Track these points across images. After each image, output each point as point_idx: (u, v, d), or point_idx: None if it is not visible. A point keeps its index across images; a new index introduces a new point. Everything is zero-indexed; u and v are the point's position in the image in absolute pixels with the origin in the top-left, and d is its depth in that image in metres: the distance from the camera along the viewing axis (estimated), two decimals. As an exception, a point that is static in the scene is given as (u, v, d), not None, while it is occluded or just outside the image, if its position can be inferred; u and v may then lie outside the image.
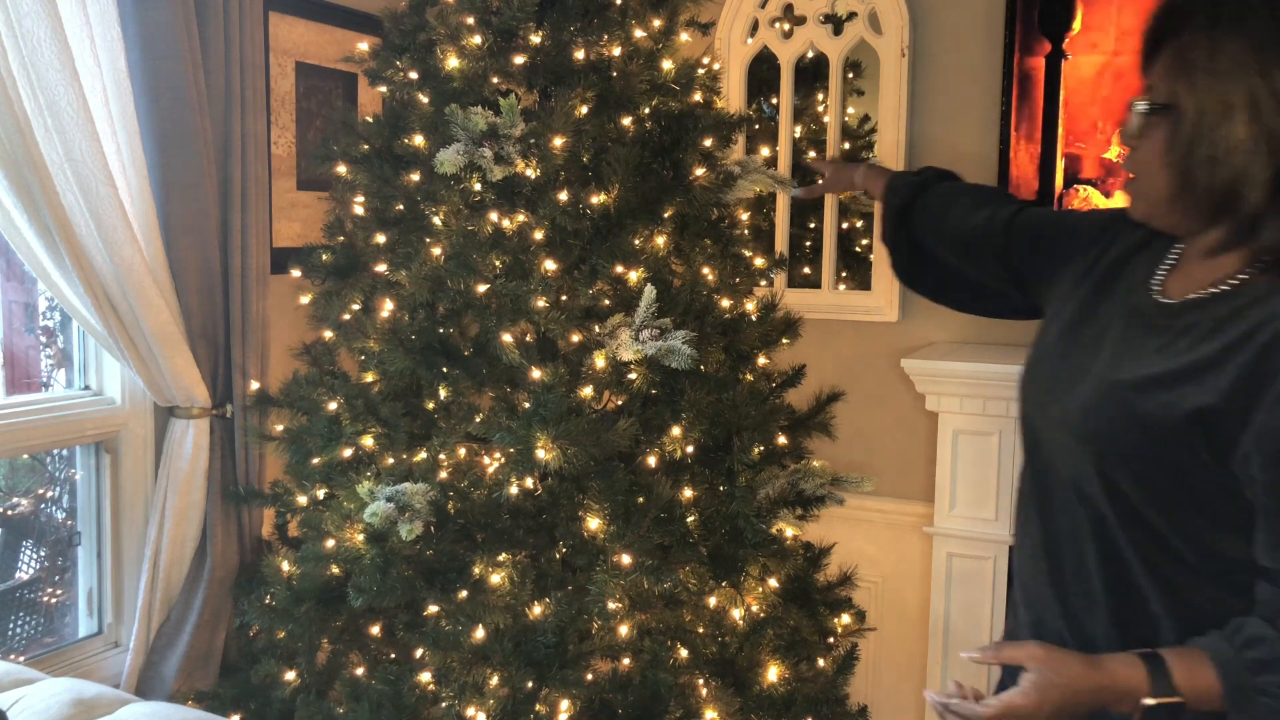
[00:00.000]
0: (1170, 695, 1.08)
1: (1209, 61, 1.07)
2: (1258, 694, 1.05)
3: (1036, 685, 1.13)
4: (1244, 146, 1.06)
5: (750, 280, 2.28)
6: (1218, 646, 1.08)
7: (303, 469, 2.24)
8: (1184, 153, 1.10)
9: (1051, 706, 1.13)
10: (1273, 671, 1.05)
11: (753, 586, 2.07)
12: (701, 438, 2.01)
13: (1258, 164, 1.06)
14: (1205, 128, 1.07)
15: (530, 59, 2.08)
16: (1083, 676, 1.13)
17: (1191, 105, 1.08)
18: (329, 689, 2.18)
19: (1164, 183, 1.14)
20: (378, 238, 2.19)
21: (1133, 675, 1.11)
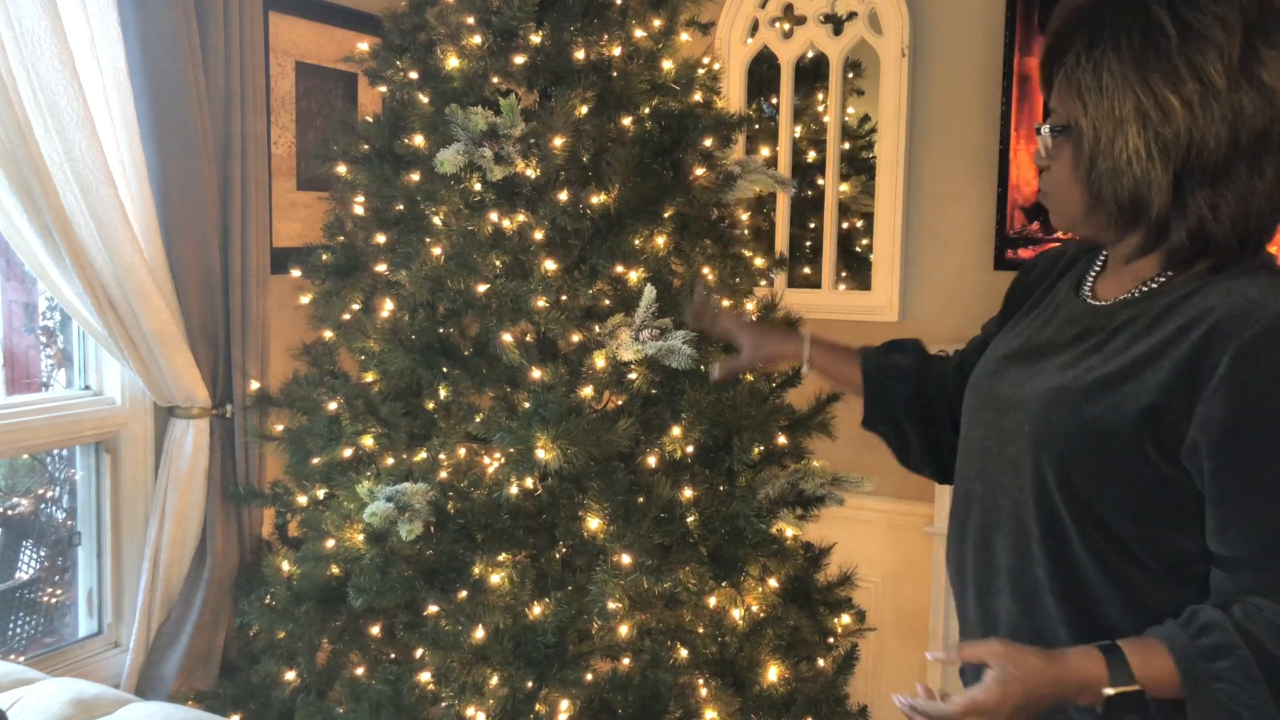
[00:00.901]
0: (1129, 684, 1.11)
1: (1095, 80, 1.13)
2: (1212, 680, 1.08)
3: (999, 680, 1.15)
4: (1140, 155, 1.11)
5: (750, 280, 2.28)
6: (1173, 634, 1.11)
7: (303, 469, 2.24)
8: (1088, 168, 1.16)
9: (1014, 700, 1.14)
10: (1227, 657, 1.07)
11: (753, 586, 2.07)
12: (701, 438, 2.01)
13: (1155, 170, 1.11)
14: (1102, 143, 1.13)
15: (530, 59, 2.08)
16: (1043, 670, 1.14)
17: (1087, 123, 1.14)
18: (329, 689, 2.18)
19: (1077, 198, 1.19)
20: (378, 238, 2.19)
21: (1092, 667, 1.13)
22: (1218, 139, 1.09)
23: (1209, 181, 1.11)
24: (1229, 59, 1.09)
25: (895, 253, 3.07)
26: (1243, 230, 1.13)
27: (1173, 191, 1.12)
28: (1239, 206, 1.12)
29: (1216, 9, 1.09)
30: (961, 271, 3.05)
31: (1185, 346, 1.10)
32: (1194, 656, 1.08)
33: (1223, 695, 1.07)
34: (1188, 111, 1.09)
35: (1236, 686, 1.07)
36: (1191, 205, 1.12)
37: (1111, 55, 1.12)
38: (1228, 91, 1.09)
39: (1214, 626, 1.08)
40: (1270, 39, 1.10)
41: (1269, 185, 1.12)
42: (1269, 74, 1.09)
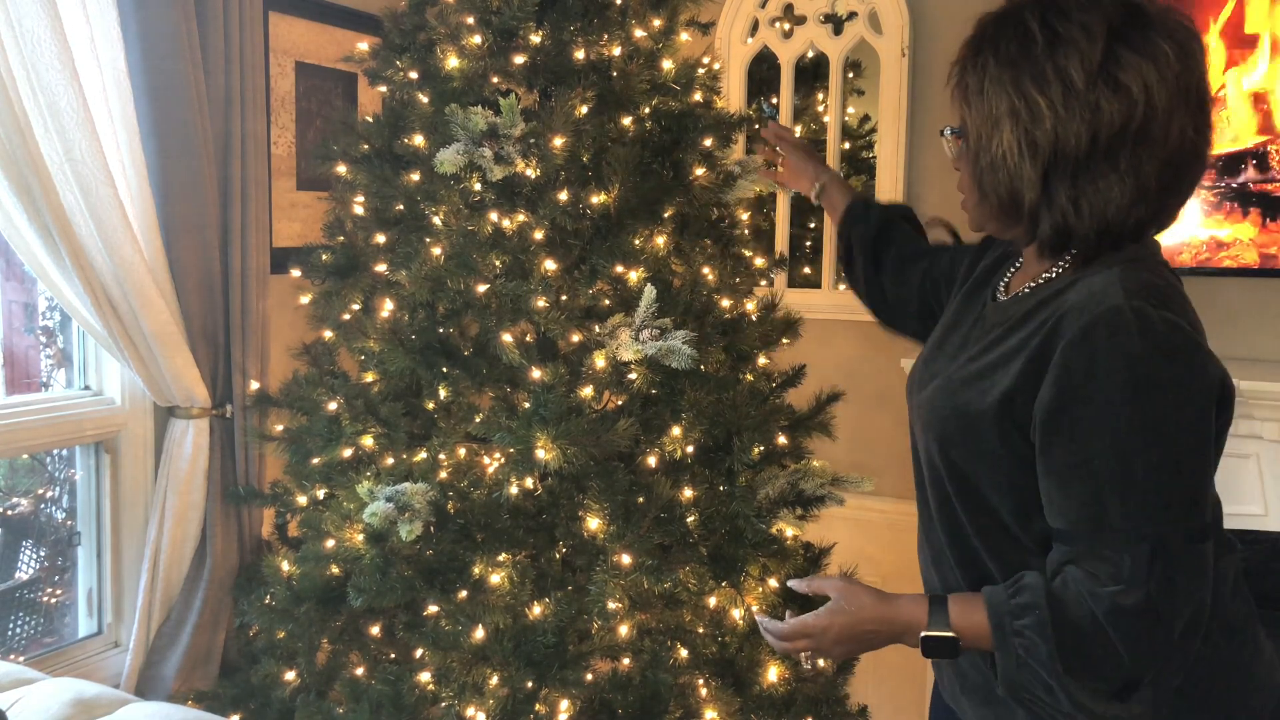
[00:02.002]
0: (944, 629, 1.24)
1: (977, 84, 1.24)
2: (1014, 635, 1.19)
3: (830, 610, 1.33)
4: (1012, 152, 1.20)
5: (750, 280, 2.28)
6: (995, 592, 1.23)
7: (303, 469, 2.24)
8: (974, 167, 1.26)
9: (839, 629, 1.31)
10: (1028, 615, 1.18)
11: (753, 586, 2.07)
12: (701, 438, 2.01)
13: (1025, 166, 1.20)
14: (982, 141, 1.24)
15: (530, 59, 2.08)
16: (872, 608, 1.31)
17: (971, 125, 1.25)
18: (329, 689, 2.18)
19: (972, 196, 1.30)
20: (378, 238, 2.19)
21: (916, 611, 1.27)
22: (1078, 136, 1.17)
23: (1070, 177, 1.19)
24: (1090, 62, 1.17)
25: (895, 253, 3.07)
26: (1101, 224, 1.21)
27: (1042, 187, 1.21)
28: (1097, 200, 1.20)
29: (1083, 16, 1.18)
30: (961, 271, 3.05)
31: (1038, 338, 1.20)
32: (1004, 613, 1.20)
33: (1020, 649, 1.18)
34: (1052, 111, 1.18)
35: (1030, 642, 1.17)
36: (1056, 199, 1.21)
37: (991, 61, 1.22)
38: (1086, 92, 1.17)
39: (1027, 588, 1.20)
40: (1131, 43, 1.17)
41: (1124, 180, 1.19)
42: (1126, 75, 1.16)
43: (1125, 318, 1.13)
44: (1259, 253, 2.71)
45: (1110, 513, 1.15)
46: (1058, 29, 1.19)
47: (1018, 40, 1.21)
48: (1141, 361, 1.13)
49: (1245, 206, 2.72)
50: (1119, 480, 1.14)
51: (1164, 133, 1.17)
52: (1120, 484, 1.14)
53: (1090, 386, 1.14)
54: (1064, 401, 1.16)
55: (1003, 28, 1.23)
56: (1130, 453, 1.14)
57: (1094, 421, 1.14)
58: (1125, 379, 1.13)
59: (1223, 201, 2.73)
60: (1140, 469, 1.14)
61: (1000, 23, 1.24)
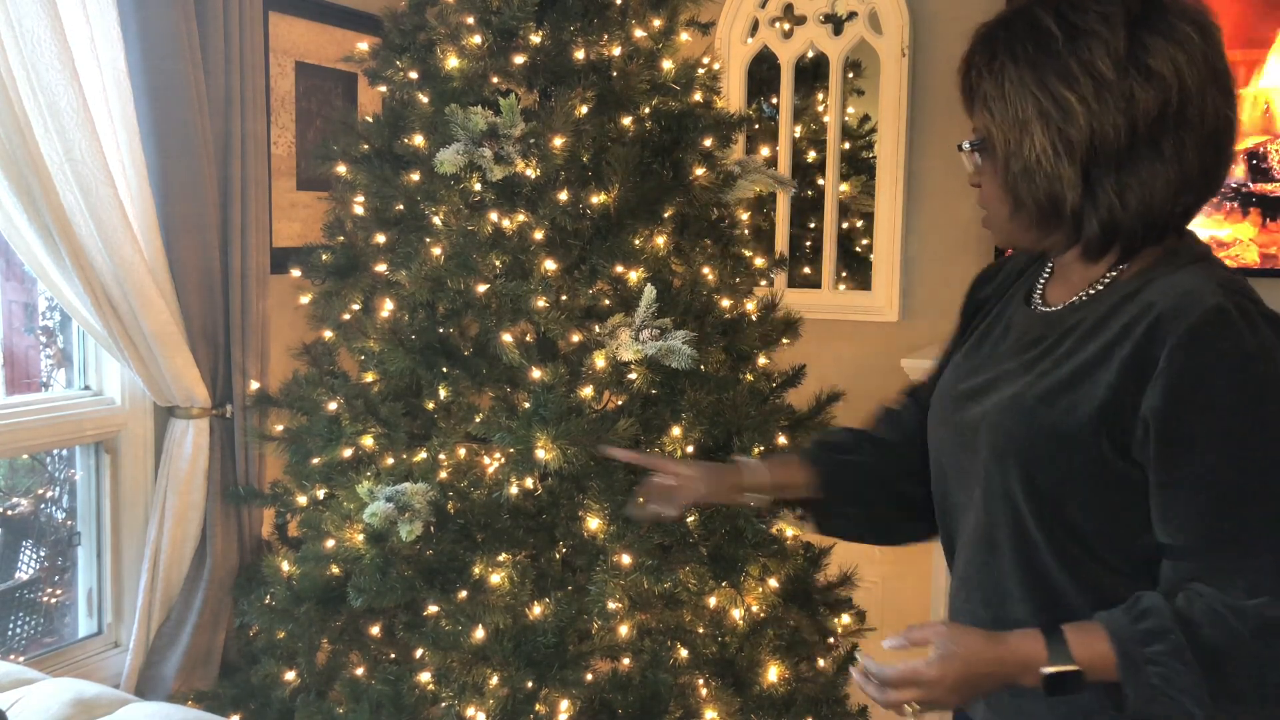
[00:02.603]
0: (1067, 664, 1.14)
1: (997, 90, 1.19)
2: (1146, 663, 1.10)
3: (940, 657, 1.19)
4: (1048, 154, 1.16)
5: (750, 280, 2.28)
6: (1115, 619, 1.14)
7: (303, 469, 2.24)
8: (1004, 175, 1.21)
9: (954, 677, 1.18)
10: (1161, 641, 1.10)
11: (753, 586, 2.07)
12: (701, 438, 2.01)
13: (1063, 166, 1.16)
14: (1012, 147, 1.19)
15: (530, 59, 2.08)
16: (984, 648, 1.19)
17: (997, 132, 1.20)
18: (329, 689, 2.18)
19: (1003, 208, 1.24)
20: (378, 238, 2.19)
21: (1032, 647, 1.16)
22: (1116, 128, 1.14)
23: (1114, 170, 1.16)
24: (1116, 51, 1.13)
25: (895, 253, 3.07)
26: (1148, 215, 1.17)
27: (1083, 185, 1.17)
28: (1143, 191, 1.16)
29: (1098, 7, 1.15)
30: (961, 271, 3.04)
31: (1130, 344, 1.14)
32: (1130, 640, 1.11)
33: (1155, 678, 1.10)
34: (1084, 106, 1.14)
35: (1169, 670, 1.09)
36: (1101, 196, 1.17)
37: (1009, 64, 1.18)
38: (1118, 82, 1.13)
39: (1152, 611, 1.11)
40: (1154, 27, 1.15)
41: (1169, 167, 1.16)
42: (1156, 61, 1.14)
43: (1231, 317, 1.09)
44: (1259, 253, 2.71)
45: (1242, 521, 1.10)
46: (1075, 22, 1.15)
47: (1034, 39, 1.17)
48: (1256, 360, 1.09)
49: (1245, 206, 2.72)
50: (1249, 487, 1.09)
51: (1200, 114, 1.15)
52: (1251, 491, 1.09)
53: (1207, 391, 1.09)
54: (1180, 409, 1.10)
55: (1014, 29, 1.19)
56: (1258, 457, 1.09)
57: (1215, 427, 1.09)
58: (1243, 380, 1.08)
59: (1223, 201, 2.73)
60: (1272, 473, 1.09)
61: (1010, 24, 1.20)
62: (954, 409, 1.32)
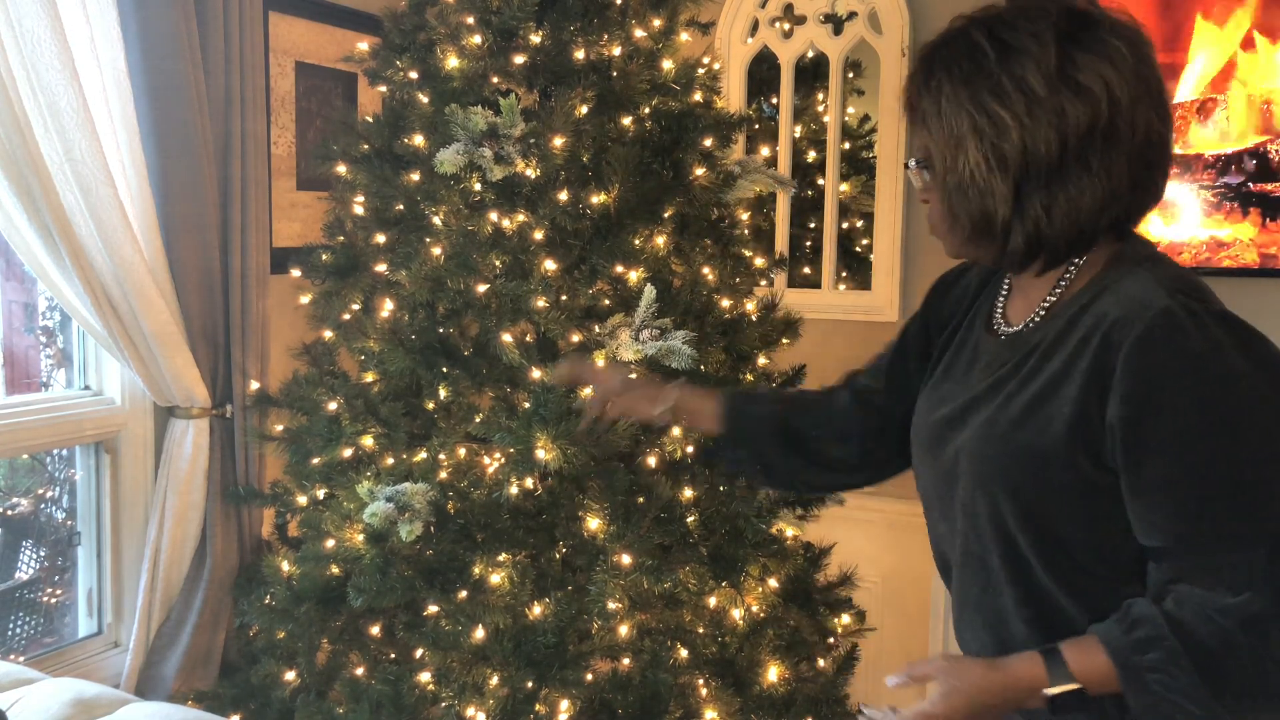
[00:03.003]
0: (1068, 683, 1.15)
1: (934, 108, 1.21)
2: (1146, 671, 1.11)
3: (943, 694, 1.21)
4: (980, 168, 1.18)
5: (750, 280, 2.28)
6: (1108, 630, 1.15)
7: (303, 469, 2.24)
8: (943, 191, 1.24)
9: (961, 711, 1.20)
10: (1155, 649, 1.11)
11: (753, 586, 2.07)
12: (701, 438, 2.01)
13: (995, 180, 1.18)
14: (948, 163, 1.21)
15: (530, 59, 2.08)
16: (985, 677, 1.20)
17: (935, 148, 1.22)
18: (329, 689, 2.18)
19: (944, 222, 1.27)
20: (378, 238, 2.19)
21: (1032, 669, 1.18)
22: (1048, 143, 1.16)
23: (1044, 185, 1.17)
24: (1047, 68, 1.15)
25: (895, 253, 3.07)
26: (1074, 229, 1.19)
27: (1014, 200, 1.19)
28: (1070, 205, 1.18)
29: (1030, 25, 1.17)
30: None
31: (1088, 356, 1.15)
32: (1127, 650, 1.12)
33: (1156, 685, 1.11)
34: (1016, 122, 1.16)
35: (1168, 675, 1.10)
36: (1029, 210, 1.18)
37: (945, 82, 1.20)
38: (1049, 97, 1.15)
39: (1144, 620, 1.12)
40: (1084, 44, 1.17)
41: (1097, 181, 1.17)
42: (1085, 76, 1.16)
43: (1178, 318, 1.11)
44: (1259, 253, 2.71)
45: (1215, 520, 1.10)
46: (1007, 40, 1.18)
47: (968, 57, 1.20)
48: (1209, 358, 1.10)
49: (1245, 206, 2.72)
50: (1215, 485, 1.10)
51: (1130, 128, 1.17)
52: (1218, 488, 1.10)
53: (1163, 395, 1.10)
54: (1140, 415, 1.11)
55: (949, 48, 1.22)
56: (1221, 454, 1.10)
57: (1176, 430, 1.10)
58: (1197, 379, 1.10)
59: (1223, 201, 2.73)
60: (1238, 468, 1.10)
61: (946, 45, 1.23)
62: (932, 443, 1.34)
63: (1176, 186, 2.77)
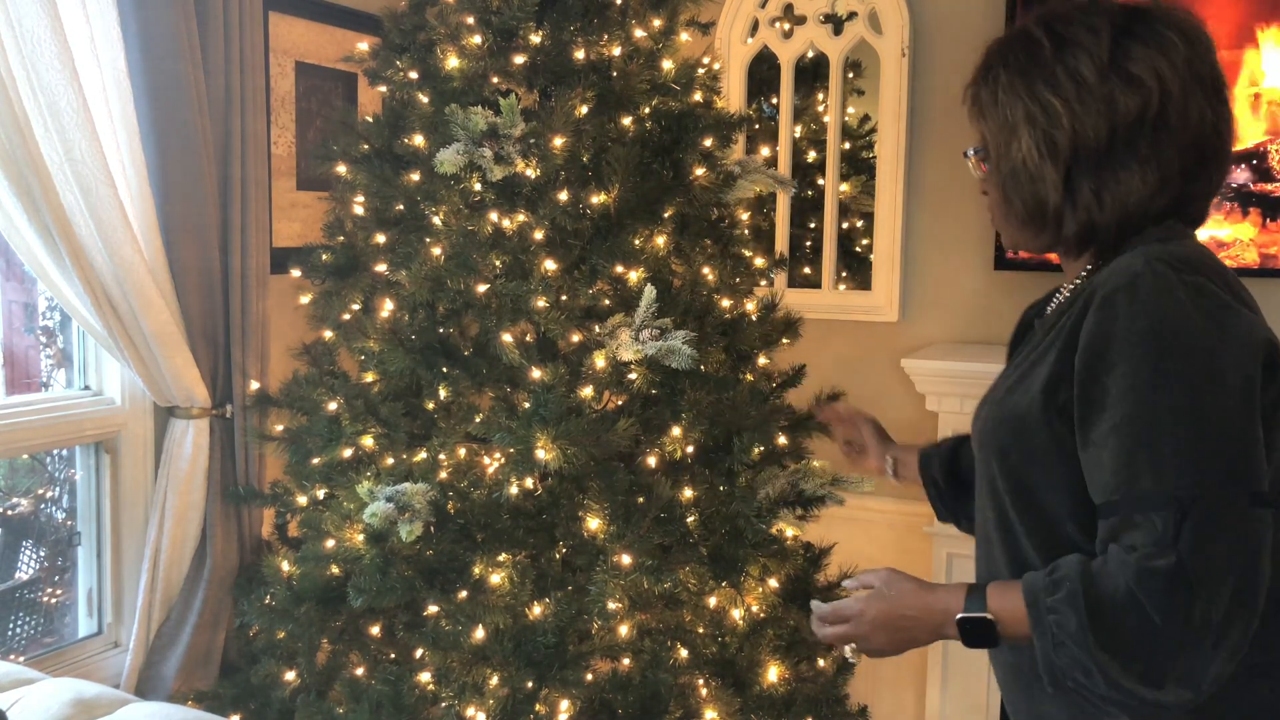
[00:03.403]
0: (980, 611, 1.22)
1: (991, 98, 1.28)
2: (1047, 612, 1.15)
3: (869, 596, 1.31)
4: (1032, 155, 1.23)
5: (750, 280, 2.28)
6: (1032, 575, 1.19)
7: (303, 469, 2.24)
8: (998, 177, 1.29)
9: (875, 614, 1.30)
10: (1060, 590, 1.14)
11: (753, 586, 2.07)
12: (701, 438, 2.01)
13: (1047, 167, 1.23)
14: (1003, 150, 1.27)
15: (530, 59, 2.08)
16: (911, 594, 1.29)
17: (991, 137, 1.29)
18: (329, 689, 2.18)
19: (1000, 209, 1.32)
20: (378, 238, 2.19)
21: (954, 598, 1.25)
22: (1096, 130, 1.20)
23: (1093, 170, 1.22)
24: (1099, 58, 1.20)
25: (895, 253, 3.07)
26: (1123, 214, 1.23)
27: (1064, 186, 1.23)
28: (1119, 191, 1.21)
29: (1085, 19, 1.23)
30: (961, 272, 3.05)
31: (1070, 321, 1.20)
32: (1039, 589, 1.16)
33: (1052, 624, 1.14)
34: (1067, 109, 1.21)
35: (1062, 617, 1.13)
36: (1080, 196, 1.23)
37: (1003, 74, 1.26)
38: (1100, 86, 1.20)
39: (1063, 565, 1.16)
40: (1138, 35, 1.22)
41: (1145, 168, 1.21)
42: (1137, 66, 1.20)
43: (1145, 280, 1.13)
44: (1259, 253, 2.71)
45: (1141, 476, 1.11)
46: (1062, 33, 1.23)
47: (1025, 49, 1.25)
48: (1164, 320, 1.12)
49: (1245, 206, 2.72)
50: (1146, 441, 1.11)
51: (1182, 118, 1.20)
52: (1148, 444, 1.11)
53: (1114, 351, 1.13)
54: (1092, 371, 1.15)
55: (1011, 43, 1.28)
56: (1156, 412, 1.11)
57: (1120, 384, 1.12)
58: (1146, 338, 1.11)
59: (1223, 201, 2.73)
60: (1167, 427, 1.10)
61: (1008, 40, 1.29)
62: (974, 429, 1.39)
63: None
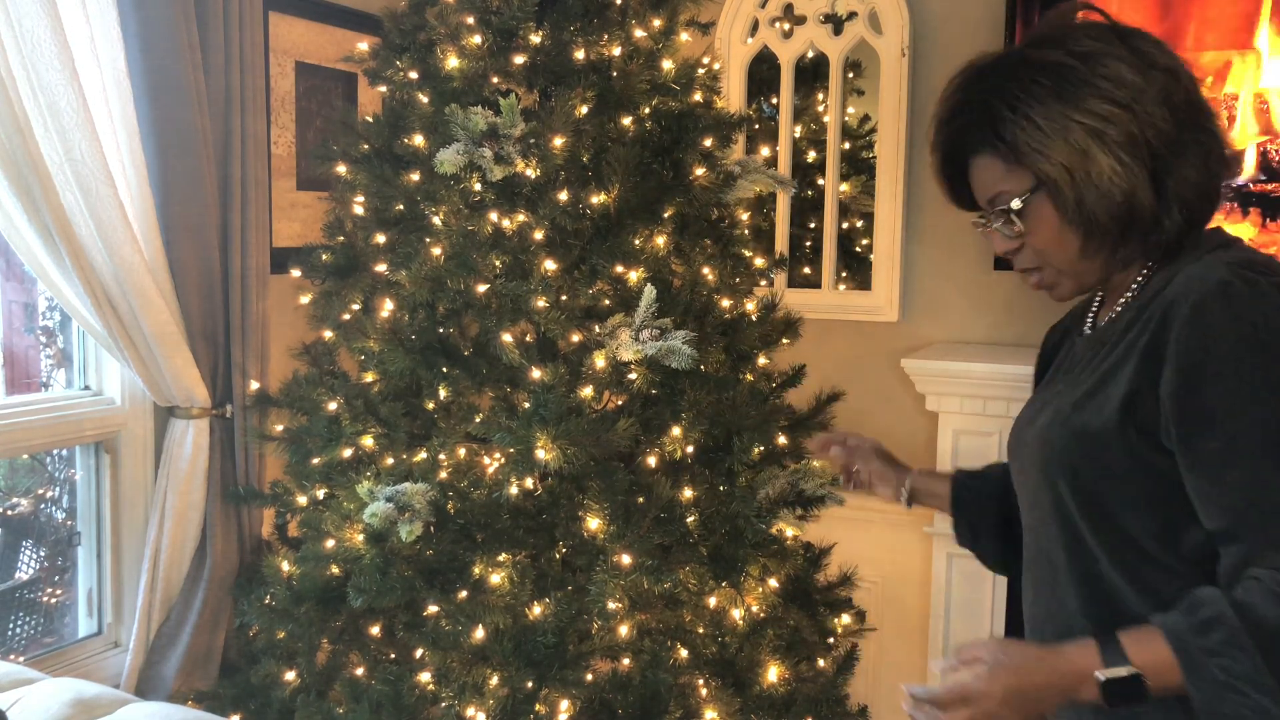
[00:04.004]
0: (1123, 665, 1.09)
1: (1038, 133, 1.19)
2: (1208, 656, 1.05)
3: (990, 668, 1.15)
4: (1116, 170, 1.18)
5: (750, 280, 2.28)
6: (1169, 616, 1.10)
7: (303, 469, 2.24)
8: (1078, 206, 1.20)
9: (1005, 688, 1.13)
10: (1217, 630, 1.04)
11: (753, 587, 2.07)
12: (701, 438, 2.01)
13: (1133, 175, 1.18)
14: (1080, 176, 1.19)
15: (530, 59, 2.08)
16: (1037, 658, 1.15)
17: (1056, 170, 1.19)
18: (329, 689, 2.18)
19: (1073, 245, 1.23)
20: (378, 238, 2.19)
21: (1087, 655, 1.12)
22: (1164, 120, 1.18)
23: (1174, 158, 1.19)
24: (1129, 60, 1.19)
25: (895, 253, 3.07)
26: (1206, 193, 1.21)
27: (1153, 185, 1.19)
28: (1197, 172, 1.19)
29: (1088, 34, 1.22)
30: (961, 272, 3.05)
31: (1146, 335, 1.15)
32: (1187, 634, 1.06)
33: (1218, 670, 1.04)
34: (1128, 112, 1.18)
35: (1230, 659, 1.04)
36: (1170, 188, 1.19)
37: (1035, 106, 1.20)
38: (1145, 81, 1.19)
39: (1206, 602, 1.07)
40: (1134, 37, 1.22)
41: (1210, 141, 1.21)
42: (1162, 58, 1.21)
43: (1236, 288, 1.09)
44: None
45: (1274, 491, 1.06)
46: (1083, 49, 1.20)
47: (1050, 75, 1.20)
48: (1264, 326, 1.08)
49: (1245, 206, 2.72)
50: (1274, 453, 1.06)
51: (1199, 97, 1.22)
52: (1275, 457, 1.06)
53: (1216, 363, 1.08)
54: (1193, 385, 1.09)
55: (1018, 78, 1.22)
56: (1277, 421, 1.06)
57: (1230, 399, 1.07)
58: (1251, 346, 1.07)
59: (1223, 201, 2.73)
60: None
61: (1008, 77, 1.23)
62: (1016, 441, 1.34)
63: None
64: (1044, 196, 1.21)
